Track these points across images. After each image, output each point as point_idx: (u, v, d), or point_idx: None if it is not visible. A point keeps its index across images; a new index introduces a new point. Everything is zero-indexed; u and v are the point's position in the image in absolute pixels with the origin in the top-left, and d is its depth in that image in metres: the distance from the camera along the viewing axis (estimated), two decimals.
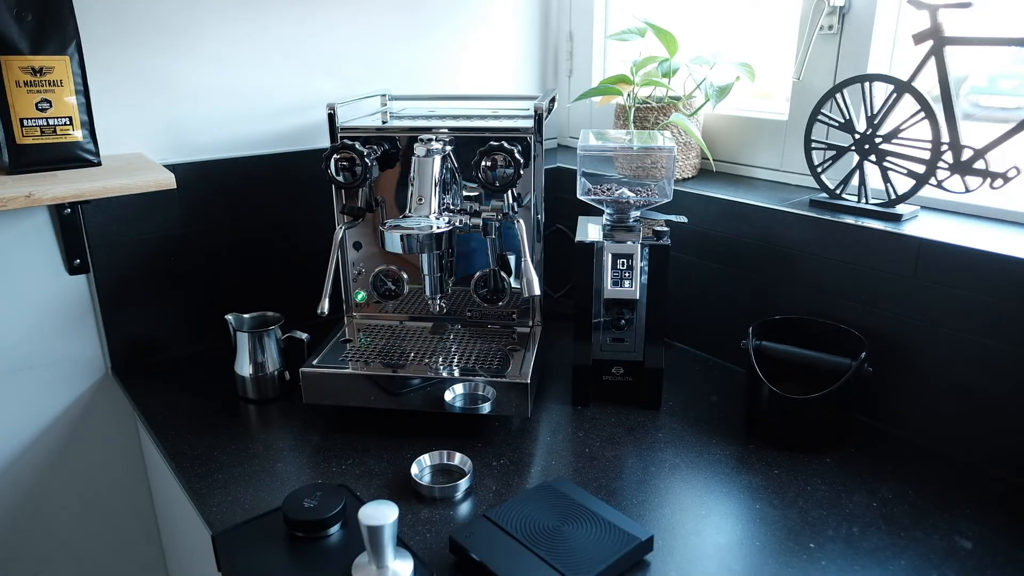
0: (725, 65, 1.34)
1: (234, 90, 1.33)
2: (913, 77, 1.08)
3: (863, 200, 1.17)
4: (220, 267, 1.37)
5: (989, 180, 1.03)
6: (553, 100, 1.30)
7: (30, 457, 1.29)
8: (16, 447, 1.28)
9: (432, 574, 0.81)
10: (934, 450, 1.05)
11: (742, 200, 1.25)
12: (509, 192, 1.14)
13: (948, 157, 1.07)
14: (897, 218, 1.11)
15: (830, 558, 0.84)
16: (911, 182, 1.10)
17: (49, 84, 1.05)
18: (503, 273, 1.25)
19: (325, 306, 1.11)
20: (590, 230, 1.19)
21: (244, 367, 1.20)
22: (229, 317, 1.21)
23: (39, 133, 1.06)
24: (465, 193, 1.20)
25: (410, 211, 1.07)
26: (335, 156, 1.13)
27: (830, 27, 1.22)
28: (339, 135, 1.20)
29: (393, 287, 1.28)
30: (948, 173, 1.07)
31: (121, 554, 1.42)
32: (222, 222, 1.35)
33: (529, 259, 1.09)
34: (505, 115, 1.28)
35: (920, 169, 1.09)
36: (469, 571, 0.82)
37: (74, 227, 1.23)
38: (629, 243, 1.12)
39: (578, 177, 1.16)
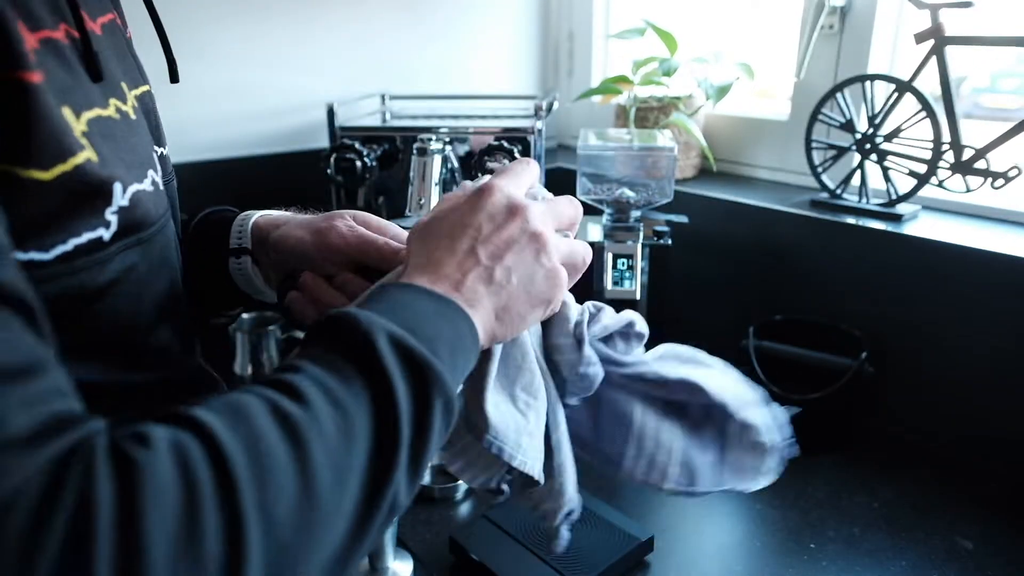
0: (725, 65, 1.34)
1: (234, 90, 1.32)
2: (914, 77, 1.08)
3: (864, 200, 1.17)
4: None
5: (990, 180, 1.03)
6: (553, 100, 1.30)
7: None
8: None
9: (432, 574, 0.81)
10: (934, 450, 1.05)
11: (743, 200, 1.25)
12: None
13: (949, 157, 1.06)
14: (898, 218, 1.10)
15: (831, 559, 0.83)
16: (912, 182, 1.10)
17: None
18: None
19: None
20: (590, 230, 1.19)
21: (243, 368, 1.20)
22: None
23: None
24: None
25: (410, 211, 1.07)
26: (335, 156, 1.13)
27: (830, 27, 1.22)
28: (339, 135, 1.20)
29: None
30: (949, 173, 1.07)
31: None
32: None
33: None
34: (505, 115, 1.28)
35: (921, 169, 1.09)
36: (469, 571, 0.82)
37: None
38: (629, 243, 1.12)
39: (578, 177, 1.16)
